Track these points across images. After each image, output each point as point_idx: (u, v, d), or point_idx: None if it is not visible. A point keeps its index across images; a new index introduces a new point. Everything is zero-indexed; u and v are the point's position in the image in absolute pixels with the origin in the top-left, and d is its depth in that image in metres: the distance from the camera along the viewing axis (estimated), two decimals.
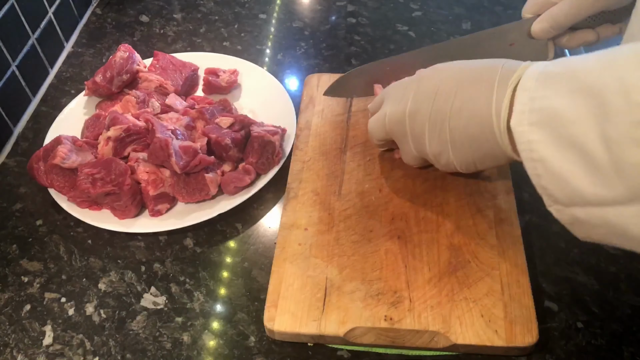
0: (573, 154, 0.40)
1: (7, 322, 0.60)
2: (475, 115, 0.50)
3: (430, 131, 0.55)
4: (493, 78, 0.50)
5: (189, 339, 0.58)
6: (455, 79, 0.53)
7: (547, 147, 0.42)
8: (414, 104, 0.56)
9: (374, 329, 0.55)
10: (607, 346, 0.56)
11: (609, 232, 0.41)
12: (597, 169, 0.39)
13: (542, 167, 0.43)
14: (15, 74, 0.80)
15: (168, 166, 0.67)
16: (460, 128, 0.52)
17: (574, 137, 0.40)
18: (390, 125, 0.60)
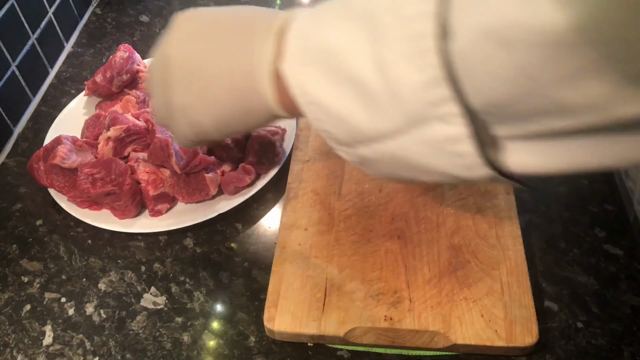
0: (348, 89, 0.36)
1: (7, 322, 0.60)
2: (237, 62, 0.43)
3: (180, 80, 0.46)
4: (256, 23, 0.43)
5: (189, 339, 0.58)
6: (215, 21, 0.46)
7: (321, 87, 0.38)
8: (167, 47, 0.47)
9: (374, 329, 0.55)
10: (607, 346, 0.56)
11: (397, 166, 0.39)
12: (373, 100, 0.35)
13: (319, 109, 0.39)
14: (15, 74, 0.80)
15: (168, 166, 0.67)
16: (216, 76, 0.44)
17: (348, 69, 0.36)
18: (150, 75, 0.51)
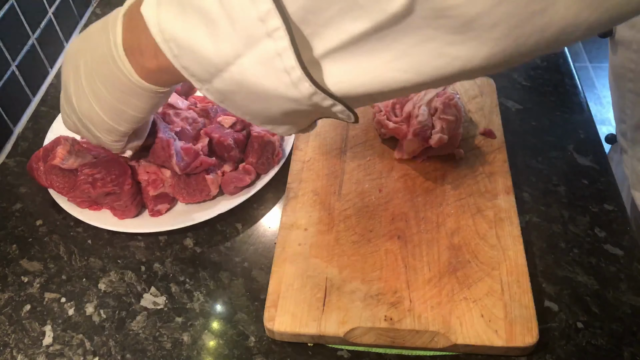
0: (196, 19, 0.38)
1: (7, 322, 0.60)
2: (100, 55, 0.49)
3: (75, 88, 0.54)
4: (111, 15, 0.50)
5: (189, 339, 0.58)
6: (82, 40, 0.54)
7: (174, 21, 0.39)
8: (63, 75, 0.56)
9: (374, 329, 0.55)
10: (607, 346, 0.56)
11: (245, 96, 0.40)
12: (215, 26, 0.37)
13: (175, 44, 0.40)
14: (15, 74, 0.80)
15: (169, 167, 0.67)
16: (95, 76, 0.51)
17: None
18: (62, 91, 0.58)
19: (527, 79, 0.84)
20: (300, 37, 0.36)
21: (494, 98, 0.76)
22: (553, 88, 0.83)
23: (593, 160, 0.73)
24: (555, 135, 0.76)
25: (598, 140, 0.75)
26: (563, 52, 0.89)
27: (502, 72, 0.85)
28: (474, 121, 0.74)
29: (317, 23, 0.35)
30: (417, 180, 0.67)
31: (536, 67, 0.86)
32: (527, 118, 0.79)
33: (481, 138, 0.71)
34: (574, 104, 0.81)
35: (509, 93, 0.82)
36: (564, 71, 0.86)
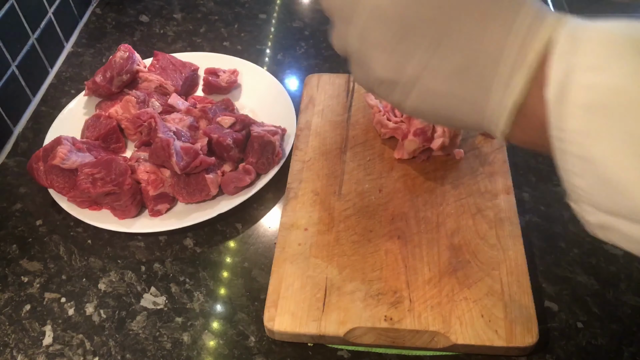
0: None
1: (7, 322, 0.60)
2: (473, 67, 0.34)
3: (389, 47, 0.36)
4: (512, 19, 0.33)
5: (189, 339, 0.58)
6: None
7: (600, 144, 0.29)
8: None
9: (374, 329, 0.55)
10: (607, 346, 0.56)
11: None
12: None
13: (586, 167, 0.31)
14: (15, 74, 0.80)
15: (169, 166, 0.67)
16: (441, 69, 0.35)
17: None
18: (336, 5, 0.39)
19: None
20: None
21: None
22: None
23: None
24: None
25: None
26: None
27: None
28: None
29: None
30: (417, 180, 0.67)
31: None
32: None
33: (481, 138, 0.71)
34: None
35: None
36: None
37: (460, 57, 0.35)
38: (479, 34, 0.34)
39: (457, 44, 0.34)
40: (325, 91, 0.79)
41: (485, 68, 0.34)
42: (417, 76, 0.36)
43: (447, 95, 0.36)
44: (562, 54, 0.31)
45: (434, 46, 0.35)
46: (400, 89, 0.37)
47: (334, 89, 0.79)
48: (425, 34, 0.35)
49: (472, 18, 0.34)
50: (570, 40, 0.31)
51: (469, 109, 0.36)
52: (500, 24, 0.33)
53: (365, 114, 0.75)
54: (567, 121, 0.30)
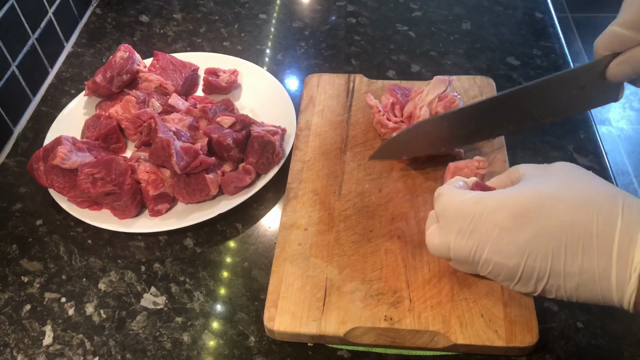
0: None
1: (7, 322, 0.60)
2: (587, 283, 0.45)
3: (519, 282, 0.48)
4: (609, 246, 0.43)
5: (189, 339, 0.58)
6: (556, 239, 0.45)
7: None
8: (495, 254, 0.48)
9: (374, 329, 0.55)
10: (607, 346, 0.56)
11: None
12: None
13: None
14: (15, 74, 0.80)
15: (169, 166, 0.67)
16: (563, 287, 0.46)
17: None
18: (457, 258, 0.51)
19: (527, 79, 0.84)
20: None
21: None
22: None
23: (593, 160, 0.73)
24: (555, 135, 0.76)
25: (598, 141, 0.75)
26: (563, 53, 0.89)
27: (502, 72, 0.85)
28: None
29: None
30: (417, 180, 0.67)
31: (536, 67, 0.86)
32: None
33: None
34: None
35: None
36: None
37: (574, 281, 0.45)
38: (584, 263, 0.45)
39: (569, 273, 0.45)
40: (325, 91, 0.79)
41: (597, 285, 0.45)
42: (544, 291, 0.47)
43: (575, 294, 0.46)
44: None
45: (551, 274, 0.46)
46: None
47: (334, 89, 0.79)
48: (543, 271, 0.46)
49: (575, 255, 0.45)
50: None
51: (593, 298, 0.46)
52: (598, 254, 0.44)
53: (365, 114, 0.75)
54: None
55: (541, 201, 0.46)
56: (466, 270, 0.53)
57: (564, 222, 0.45)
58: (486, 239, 0.48)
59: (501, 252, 0.47)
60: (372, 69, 0.87)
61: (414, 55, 0.89)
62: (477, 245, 0.49)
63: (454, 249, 0.50)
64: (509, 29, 0.94)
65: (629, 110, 2.24)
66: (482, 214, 0.48)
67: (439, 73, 0.80)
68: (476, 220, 0.49)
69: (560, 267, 0.45)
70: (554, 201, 0.46)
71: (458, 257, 0.51)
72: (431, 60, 0.88)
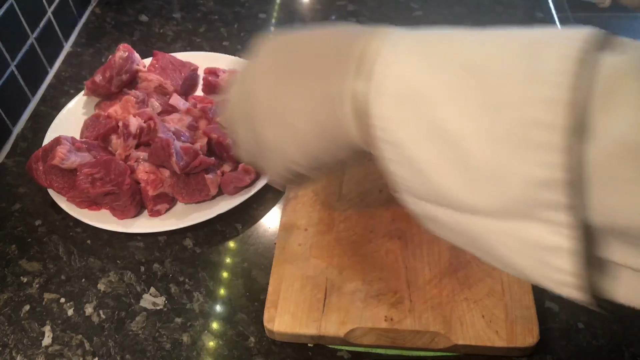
0: (442, 146, 0.31)
1: (7, 323, 0.60)
2: (318, 96, 0.39)
3: (267, 116, 0.42)
4: (337, 48, 0.38)
5: (189, 339, 0.58)
6: (295, 51, 0.41)
7: (406, 129, 0.33)
8: (250, 81, 0.43)
9: (375, 330, 0.55)
10: (607, 347, 0.56)
11: (469, 242, 0.36)
12: (469, 170, 0.31)
13: (397, 152, 0.34)
14: (14, 73, 0.79)
15: (168, 166, 0.67)
16: (300, 112, 0.40)
17: (446, 125, 0.31)
18: (230, 109, 0.47)
19: None
20: (589, 237, 0.30)
21: None
22: None
23: None
24: None
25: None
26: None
27: None
28: None
29: (632, 242, 0.29)
30: None
31: None
32: None
33: None
34: None
35: None
36: None
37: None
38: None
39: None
40: None
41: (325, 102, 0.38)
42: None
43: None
44: (384, 55, 0.35)
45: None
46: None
47: None
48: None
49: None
50: (391, 43, 0.36)
51: (329, 126, 0.39)
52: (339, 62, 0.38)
53: None
54: (380, 109, 0.34)
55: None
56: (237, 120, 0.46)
57: (294, 46, 0.42)
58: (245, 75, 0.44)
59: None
60: None
61: None
62: (241, 83, 0.45)
63: (231, 100, 0.46)
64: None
65: None
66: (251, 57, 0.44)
67: None
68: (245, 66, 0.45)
69: (288, 83, 0.40)
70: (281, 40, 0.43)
71: (232, 105, 0.46)
72: None
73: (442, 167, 0.32)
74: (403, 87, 0.33)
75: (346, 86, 0.36)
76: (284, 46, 0.43)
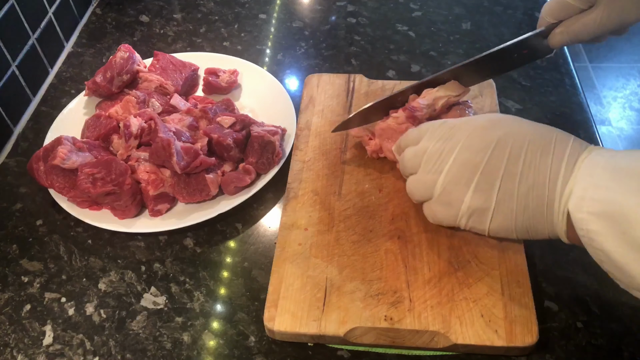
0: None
1: (7, 322, 0.60)
2: (538, 186, 0.50)
3: (478, 183, 0.53)
4: (562, 153, 0.49)
5: (189, 339, 0.58)
6: (521, 140, 0.52)
7: (608, 241, 0.42)
8: (466, 150, 0.53)
9: (374, 329, 0.55)
10: (606, 346, 0.56)
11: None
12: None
13: (604, 256, 0.43)
14: (15, 74, 0.80)
15: (169, 166, 0.67)
16: (516, 192, 0.51)
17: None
18: (428, 162, 0.56)
19: (527, 79, 0.84)
20: None
21: (494, 98, 0.76)
22: (553, 88, 0.83)
23: None
24: None
25: (598, 141, 0.75)
26: (563, 52, 0.89)
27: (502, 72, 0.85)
28: None
29: None
30: None
31: (536, 67, 0.86)
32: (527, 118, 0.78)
33: None
34: (573, 104, 0.81)
35: (509, 93, 0.82)
36: (564, 71, 0.86)
37: (528, 182, 0.50)
38: (540, 165, 0.50)
39: (525, 173, 0.51)
40: (325, 91, 0.79)
41: (546, 188, 0.50)
42: (499, 200, 0.52)
43: (523, 210, 0.51)
44: (582, 176, 0.47)
45: (509, 176, 0.51)
46: (487, 214, 0.53)
47: (334, 89, 0.79)
48: (502, 169, 0.51)
49: (534, 156, 0.51)
50: (588, 167, 0.47)
51: (539, 219, 0.50)
52: (553, 158, 0.50)
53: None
54: (586, 224, 0.44)
55: (512, 117, 0.55)
56: (430, 176, 0.56)
57: (530, 131, 0.52)
58: (460, 138, 0.54)
59: (471, 148, 0.53)
60: (372, 69, 0.87)
61: (414, 56, 0.89)
62: (451, 145, 0.54)
63: (431, 151, 0.55)
64: (509, 29, 0.94)
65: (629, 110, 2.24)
66: (465, 121, 0.55)
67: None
68: (456, 127, 0.55)
69: (517, 168, 0.51)
70: (522, 119, 0.55)
71: (429, 159, 0.55)
72: (431, 60, 0.89)
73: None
74: (604, 208, 0.43)
75: (557, 193, 0.48)
76: (506, 128, 0.53)
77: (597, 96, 2.31)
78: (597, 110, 2.24)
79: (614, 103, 2.27)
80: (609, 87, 2.33)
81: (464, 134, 0.54)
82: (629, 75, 2.37)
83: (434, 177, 0.55)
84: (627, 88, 2.33)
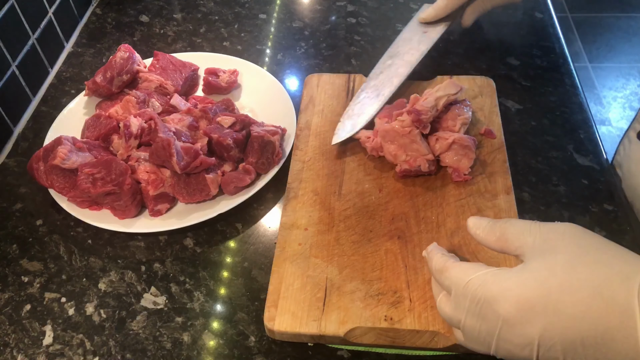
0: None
1: (7, 322, 0.60)
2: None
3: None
4: (634, 335, 0.39)
5: (189, 338, 0.58)
6: (569, 335, 0.42)
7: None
8: (506, 343, 0.44)
9: (374, 329, 0.55)
10: None
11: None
12: None
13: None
14: (15, 74, 0.80)
15: (169, 166, 0.67)
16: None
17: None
18: (471, 338, 0.48)
19: (527, 79, 0.84)
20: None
21: (494, 98, 0.76)
22: (553, 88, 0.83)
23: (593, 160, 0.73)
24: (555, 135, 0.76)
25: (598, 140, 0.75)
26: (563, 52, 0.89)
27: (502, 72, 0.85)
28: (473, 121, 0.74)
29: None
30: (417, 180, 0.67)
31: (536, 67, 0.86)
32: (527, 118, 0.79)
33: (481, 138, 0.71)
34: (573, 104, 0.81)
35: (509, 93, 0.82)
36: (564, 71, 0.86)
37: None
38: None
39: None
40: (325, 91, 0.79)
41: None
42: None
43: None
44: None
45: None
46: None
47: (334, 89, 0.79)
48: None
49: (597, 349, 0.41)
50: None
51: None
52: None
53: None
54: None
55: (547, 292, 0.42)
56: (480, 351, 0.48)
57: (575, 316, 0.41)
58: (493, 327, 0.45)
59: (511, 342, 0.44)
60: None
61: None
62: (487, 330, 0.45)
63: (464, 326, 0.47)
64: (509, 29, 0.94)
65: (629, 110, 2.24)
66: (486, 300, 0.45)
67: (439, 73, 0.80)
68: (482, 304, 0.45)
69: (580, 357, 0.42)
70: (561, 293, 0.42)
71: (469, 334, 0.47)
72: (431, 60, 0.88)
73: None
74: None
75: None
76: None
77: (597, 96, 2.31)
78: (597, 110, 2.24)
79: (614, 103, 2.27)
80: (609, 87, 2.33)
81: (493, 323, 0.45)
82: (629, 75, 2.37)
83: (482, 348, 0.48)
84: (627, 88, 2.33)
